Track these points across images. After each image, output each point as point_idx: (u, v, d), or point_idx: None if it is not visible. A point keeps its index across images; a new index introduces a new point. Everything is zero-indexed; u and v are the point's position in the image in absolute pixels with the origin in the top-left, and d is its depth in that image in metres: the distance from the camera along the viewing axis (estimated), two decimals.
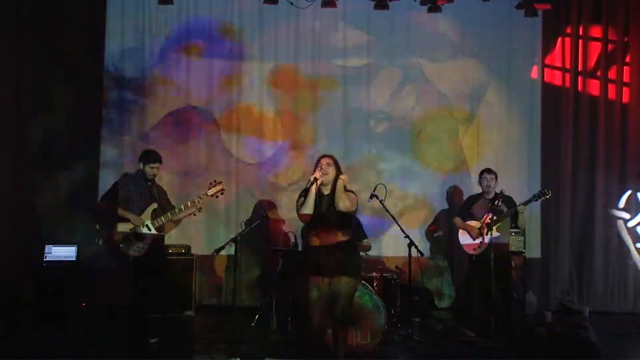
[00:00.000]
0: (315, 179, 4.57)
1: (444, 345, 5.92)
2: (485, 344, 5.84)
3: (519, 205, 6.24)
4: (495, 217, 6.12)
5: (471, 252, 6.31)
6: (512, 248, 6.11)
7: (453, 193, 7.62)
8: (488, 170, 6.47)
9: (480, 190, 6.53)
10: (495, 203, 6.12)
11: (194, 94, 7.61)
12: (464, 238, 6.40)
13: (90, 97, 7.21)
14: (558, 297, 7.53)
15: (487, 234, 6.06)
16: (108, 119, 7.37)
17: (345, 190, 4.64)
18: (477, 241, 6.18)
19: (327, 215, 4.60)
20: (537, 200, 6.34)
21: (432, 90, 7.77)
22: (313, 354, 4.61)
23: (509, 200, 6.33)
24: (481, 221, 6.22)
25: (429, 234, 7.70)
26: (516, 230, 6.17)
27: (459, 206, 7.00)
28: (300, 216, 4.66)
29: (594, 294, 7.56)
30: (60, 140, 7.10)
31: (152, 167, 5.76)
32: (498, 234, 6.16)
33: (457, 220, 6.55)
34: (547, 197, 6.31)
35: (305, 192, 4.63)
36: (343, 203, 4.57)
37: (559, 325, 5.28)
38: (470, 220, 6.38)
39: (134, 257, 5.57)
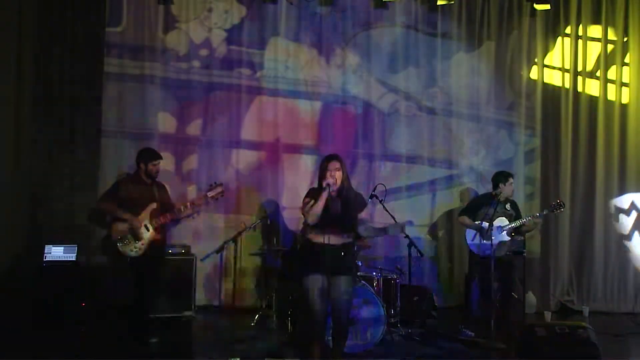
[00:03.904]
0: (329, 185, 4.56)
1: (444, 345, 5.91)
2: (485, 344, 5.84)
3: (533, 217, 6.30)
4: (507, 221, 6.23)
5: (478, 252, 6.13)
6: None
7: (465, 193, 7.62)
8: (512, 176, 6.43)
9: (487, 191, 6.45)
10: (506, 207, 6.27)
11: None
12: (473, 238, 6.24)
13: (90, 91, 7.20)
14: (558, 297, 7.54)
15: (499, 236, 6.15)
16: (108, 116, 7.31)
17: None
18: (494, 242, 6.03)
19: (335, 216, 4.58)
20: (552, 212, 6.31)
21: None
22: (313, 353, 4.60)
23: (514, 206, 6.41)
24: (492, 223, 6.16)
25: (434, 232, 7.67)
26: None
27: (465, 205, 6.76)
28: (310, 217, 4.60)
29: (594, 294, 7.57)
30: (60, 138, 7.12)
31: (155, 165, 5.75)
32: (508, 237, 6.21)
33: (466, 220, 6.38)
34: (562, 210, 6.33)
35: (314, 194, 4.63)
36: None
37: (559, 325, 5.28)
38: (478, 220, 6.12)
39: (132, 257, 5.57)
